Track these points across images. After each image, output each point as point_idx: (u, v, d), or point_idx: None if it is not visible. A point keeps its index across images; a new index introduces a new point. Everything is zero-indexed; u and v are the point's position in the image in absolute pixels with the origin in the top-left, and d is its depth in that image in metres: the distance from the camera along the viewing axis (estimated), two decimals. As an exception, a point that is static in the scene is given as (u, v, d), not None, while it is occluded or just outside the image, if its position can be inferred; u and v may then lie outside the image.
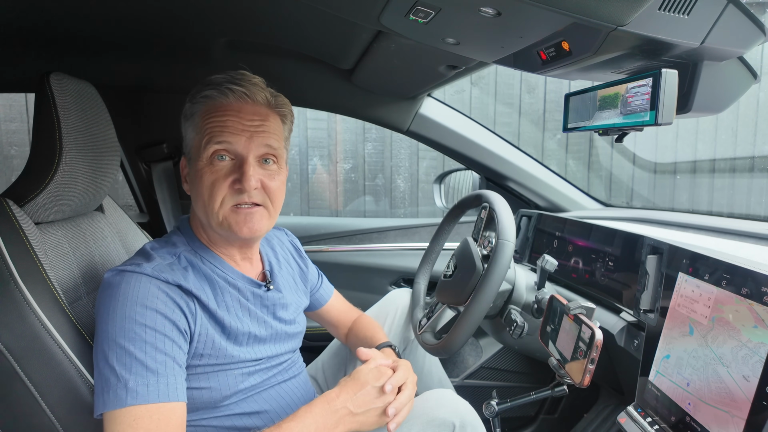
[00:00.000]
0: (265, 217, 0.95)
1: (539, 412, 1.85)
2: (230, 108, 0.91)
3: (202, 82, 0.95)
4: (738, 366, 0.81)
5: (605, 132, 1.02)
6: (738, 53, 0.89)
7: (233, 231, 0.92)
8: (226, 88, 0.91)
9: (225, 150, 0.90)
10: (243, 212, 0.91)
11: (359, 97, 1.74)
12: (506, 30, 0.86)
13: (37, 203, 0.95)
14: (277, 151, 0.95)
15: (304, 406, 0.86)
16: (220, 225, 0.92)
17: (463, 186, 2.13)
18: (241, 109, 0.92)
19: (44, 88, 0.94)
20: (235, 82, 0.92)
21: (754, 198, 2.84)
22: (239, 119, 0.91)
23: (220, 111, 0.91)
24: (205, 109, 0.92)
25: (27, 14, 1.17)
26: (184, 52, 1.48)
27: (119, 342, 0.79)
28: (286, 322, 1.05)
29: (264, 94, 0.94)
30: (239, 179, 0.90)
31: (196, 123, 0.93)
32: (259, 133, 0.92)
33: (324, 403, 0.86)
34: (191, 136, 0.94)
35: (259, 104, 0.94)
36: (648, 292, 1.09)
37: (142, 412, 0.77)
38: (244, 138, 0.90)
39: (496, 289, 1.12)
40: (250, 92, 0.92)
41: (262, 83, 0.96)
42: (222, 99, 0.91)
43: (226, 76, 0.93)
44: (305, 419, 0.83)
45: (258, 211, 0.93)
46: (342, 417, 0.86)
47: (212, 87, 0.92)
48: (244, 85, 0.92)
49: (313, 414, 0.84)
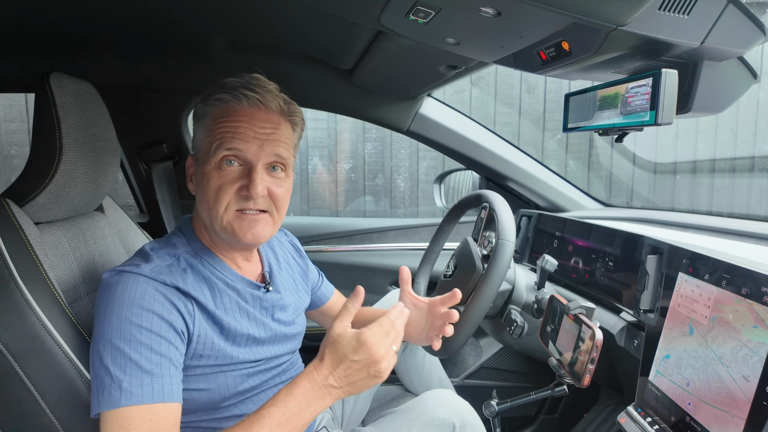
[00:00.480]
0: (270, 224, 0.95)
1: (539, 412, 1.85)
2: (243, 114, 0.91)
3: (216, 83, 0.94)
4: (738, 366, 0.81)
5: (605, 132, 1.02)
6: (738, 53, 0.89)
7: (236, 236, 0.91)
8: (241, 94, 0.90)
9: (234, 156, 0.90)
10: (248, 218, 0.91)
11: (359, 97, 1.74)
12: (506, 30, 0.86)
13: (37, 203, 0.95)
14: (287, 159, 0.95)
15: (284, 388, 0.82)
16: (223, 229, 0.91)
17: (463, 186, 2.13)
18: (253, 116, 0.91)
19: (44, 88, 0.94)
20: (249, 87, 0.91)
21: (754, 198, 2.84)
22: (251, 126, 0.90)
23: (233, 116, 0.90)
24: (218, 112, 0.91)
25: (27, 14, 1.17)
26: (184, 52, 1.48)
27: (114, 343, 0.79)
28: (285, 323, 1.05)
29: (278, 102, 0.94)
30: (247, 186, 0.89)
31: (207, 125, 0.92)
32: (270, 141, 0.91)
33: (305, 382, 0.82)
34: (201, 137, 0.94)
35: (272, 111, 0.93)
36: (648, 292, 1.09)
37: (135, 413, 0.77)
38: (254, 146, 0.90)
39: (496, 289, 1.12)
40: (264, 99, 0.91)
41: (276, 89, 0.96)
42: (235, 104, 0.91)
43: (241, 80, 0.92)
44: (287, 403, 0.80)
45: (263, 218, 0.93)
46: (325, 393, 0.82)
47: (226, 90, 0.91)
48: (259, 92, 0.91)
49: (294, 396, 0.81)
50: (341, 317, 0.85)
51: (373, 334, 0.82)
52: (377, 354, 0.81)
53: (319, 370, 0.82)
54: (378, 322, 0.84)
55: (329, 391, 0.82)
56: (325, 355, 0.83)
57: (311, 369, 0.82)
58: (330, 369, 0.82)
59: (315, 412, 0.81)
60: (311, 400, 0.81)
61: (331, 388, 0.82)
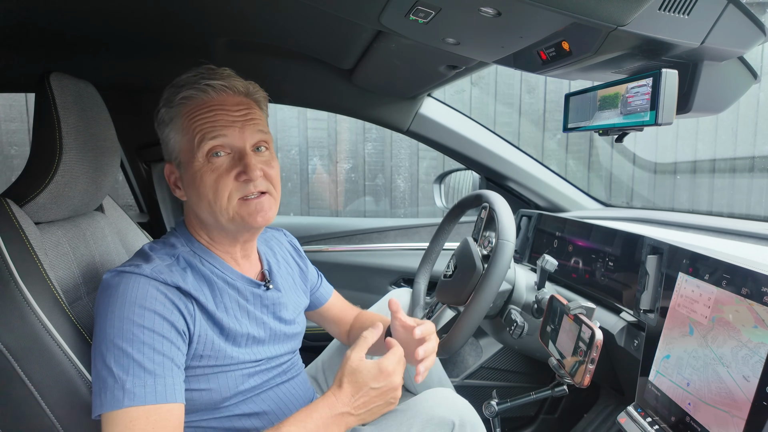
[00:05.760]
0: (273, 203, 0.95)
1: (539, 412, 1.85)
2: (213, 103, 0.90)
3: (172, 85, 0.93)
4: (738, 366, 0.81)
5: (605, 132, 1.02)
6: (738, 53, 0.89)
7: (247, 223, 0.91)
8: (206, 85, 0.90)
9: (221, 145, 0.89)
10: (253, 203, 0.91)
11: (359, 97, 1.74)
12: (506, 30, 0.86)
13: (37, 203, 0.95)
14: (268, 136, 0.96)
15: (304, 409, 0.86)
16: (231, 220, 0.91)
17: (463, 186, 2.13)
18: (224, 102, 0.91)
19: (44, 88, 0.94)
20: (210, 77, 0.91)
21: (755, 198, 2.84)
22: (226, 112, 0.90)
23: (205, 107, 0.90)
24: (187, 110, 0.91)
25: (27, 14, 1.17)
26: (184, 52, 1.48)
27: (117, 343, 0.79)
28: (286, 322, 1.05)
29: (242, 83, 0.94)
30: (243, 171, 0.89)
31: (179, 125, 0.92)
32: (249, 121, 0.92)
33: (325, 407, 0.85)
34: (177, 139, 0.93)
35: (240, 94, 0.94)
36: (648, 292, 1.09)
37: (138, 414, 0.77)
38: (236, 129, 0.90)
39: (496, 289, 1.12)
40: (229, 84, 0.92)
41: (234, 73, 0.96)
42: (203, 96, 0.90)
43: (197, 73, 0.92)
44: (306, 424, 0.83)
45: (266, 199, 0.93)
46: (343, 419, 0.86)
47: (189, 87, 0.91)
48: (222, 78, 0.91)
49: (313, 419, 0.84)
50: (359, 347, 0.90)
51: (392, 364, 0.88)
52: (396, 381, 0.88)
53: (338, 397, 0.86)
54: (392, 352, 0.90)
55: (345, 419, 0.86)
56: (344, 383, 0.87)
57: (330, 395, 0.86)
58: (350, 396, 0.86)
59: None
60: (328, 425, 0.85)
61: (348, 416, 0.86)
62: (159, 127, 0.96)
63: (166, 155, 0.97)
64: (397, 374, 0.88)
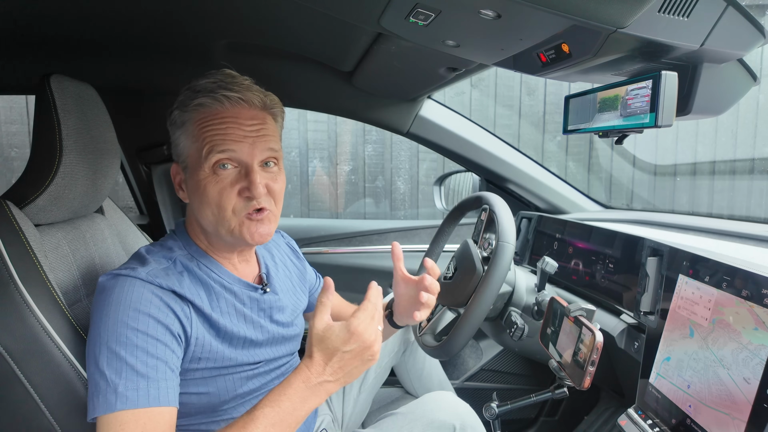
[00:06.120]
0: (273, 220, 0.94)
1: (539, 415, 1.84)
2: (227, 114, 0.89)
3: (189, 88, 0.92)
4: (738, 368, 0.81)
5: (605, 134, 1.02)
6: (738, 55, 0.89)
7: (245, 239, 0.91)
8: (222, 96, 0.89)
9: (228, 159, 0.88)
10: (254, 223, 0.91)
11: (359, 99, 1.74)
12: (506, 32, 0.86)
13: (37, 205, 0.95)
14: (278, 153, 0.94)
15: (277, 387, 0.81)
16: (230, 233, 0.91)
17: (463, 188, 2.13)
18: (238, 115, 0.90)
19: (44, 90, 0.94)
20: (228, 87, 0.90)
21: (755, 200, 2.84)
22: (239, 126, 0.89)
23: (218, 119, 0.89)
24: (200, 117, 0.90)
25: (27, 16, 1.17)
26: (184, 54, 1.48)
27: (110, 346, 0.79)
28: (283, 324, 1.05)
29: (258, 97, 0.92)
30: (247, 187, 0.88)
31: (190, 131, 0.91)
32: (261, 137, 0.91)
33: (299, 381, 0.81)
34: (186, 144, 0.92)
35: (255, 108, 0.92)
36: (648, 294, 1.09)
37: (128, 417, 0.76)
38: (246, 145, 0.89)
39: (496, 291, 1.12)
40: (245, 97, 0.90)
41: (252, 83, 0.94)
42: (217, 106, 0.89)
43: (215, 80, 0.91)
44: (281, 403, 0.79)
45: (266, 216, 0.92)
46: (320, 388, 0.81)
47: (204, 94, 0.89)
48: (238, 90, 0.90)
49: (288, 396, 0.80)
50: (320, 312, 0.84)
51: (362, 322, 0.82)
52: (369, 339, 0.81)
53: (312, 368, 0.81)
54: (362, 308, 0.84)
55: (324, 387, 0.81)
56: (314, 352, 0.81)
57: (303, 368, 0.81)
58: (323, 365, 0.81)
59: (310, 408, 0.81)
60: (306, 398, 0.80)
61: (326, 383, 0.81)
62: (170, 127, 0.95)
63: (174, 156, 0.97)
64: (368, 332, 0.82)
